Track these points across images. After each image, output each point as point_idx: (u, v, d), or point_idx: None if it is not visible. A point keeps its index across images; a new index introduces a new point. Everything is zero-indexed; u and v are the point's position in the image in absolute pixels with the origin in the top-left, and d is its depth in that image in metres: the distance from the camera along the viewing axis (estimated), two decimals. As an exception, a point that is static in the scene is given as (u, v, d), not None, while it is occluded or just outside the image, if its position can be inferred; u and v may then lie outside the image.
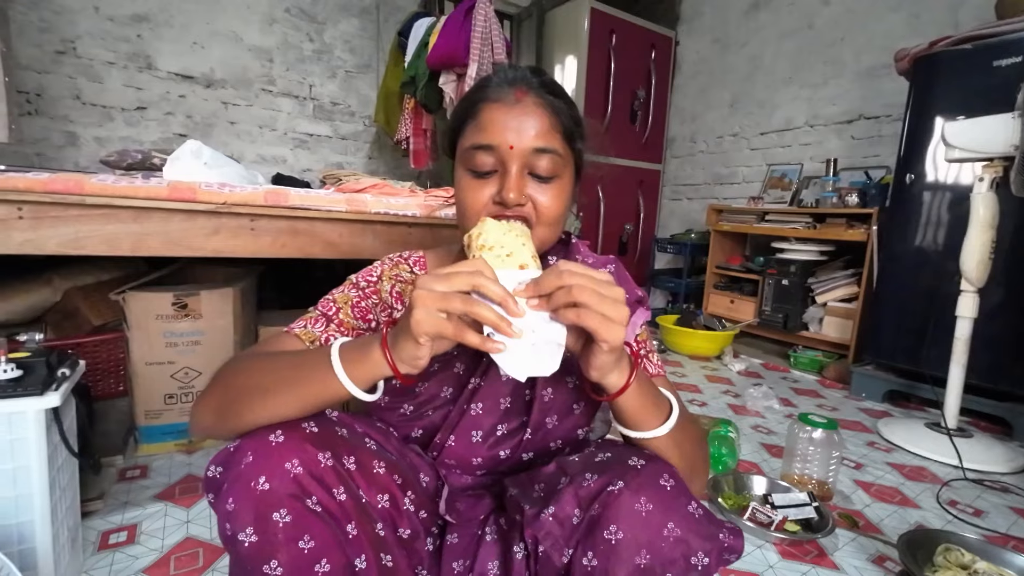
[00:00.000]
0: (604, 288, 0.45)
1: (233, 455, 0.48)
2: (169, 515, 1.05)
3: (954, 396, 1.59)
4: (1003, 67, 1.71)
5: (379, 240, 1.21)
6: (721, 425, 1.45)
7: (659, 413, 0.54)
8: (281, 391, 0.49)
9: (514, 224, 0.55)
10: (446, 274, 0.45)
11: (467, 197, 0.60)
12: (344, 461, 0.50)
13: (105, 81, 2.44)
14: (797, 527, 1.11)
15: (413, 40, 2.51)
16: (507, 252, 0.51)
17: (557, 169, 0.60)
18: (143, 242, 0.98)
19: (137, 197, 0.95)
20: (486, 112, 0.59)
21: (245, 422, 0.49)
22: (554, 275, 0.46)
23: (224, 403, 0.52)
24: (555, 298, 0.46)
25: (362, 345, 0.48)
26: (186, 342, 1.29)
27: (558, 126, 0.60)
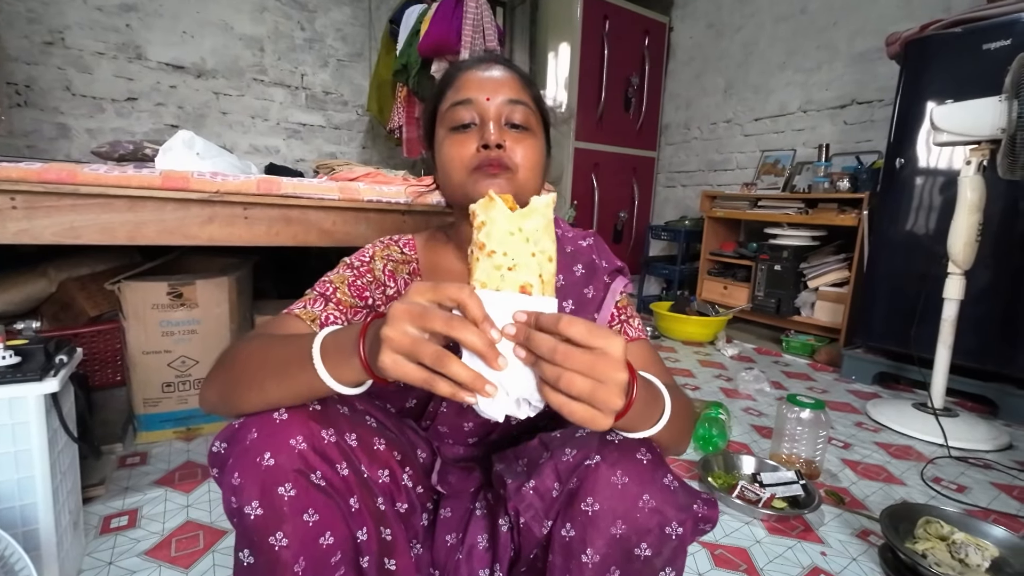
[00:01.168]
0: (603, 368, 0.38)
1: (238, 431, 0.49)
2: (169, 500, 1.08)
3: (940, 376, 1.62)
4: (992, 50, 1.71)
5: (372, 228, 1.22)
6: (712, 407, 1.47)
7: (653, 415, 0.49)
8: (273, 386, 0.49)
9: (529, 217, 0.44)
10: (420, 312, 0.38)
11: (451, 151, 0.64)
12: (346, 438, 0.52)
13: (95, 72, 2.42)
14: (784, 504, 1.14)
15: (405, 28, 2.49)
16: (510, 263, 0.42)
17: (530, 121, 0.65)
18: (139, 231, 0.99)
19: (131, 186, 0.96)
20: (463, 76, 0.65)
21: (243, 409, 0.51)
22: (548, 345, 0.38)
23: (225, 390, 0.53)
24: (544, 370, 0.39)
25: (343, 345, 0.44)
26: (182, 331, 1.30)
27: (527, 88, 0.67)
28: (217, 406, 0.54)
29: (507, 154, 0.62)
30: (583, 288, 0.68)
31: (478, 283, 0.42)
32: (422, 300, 0.40)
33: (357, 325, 0.45)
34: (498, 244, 0.42)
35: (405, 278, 0.71)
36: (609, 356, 0.38)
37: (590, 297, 0.68)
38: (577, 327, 0.39)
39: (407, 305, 0.39)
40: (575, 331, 0.39)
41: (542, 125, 0.69)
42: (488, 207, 0.44)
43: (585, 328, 0.39)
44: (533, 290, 0.42)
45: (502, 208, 0.43)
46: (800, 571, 0.94)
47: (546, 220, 0.44)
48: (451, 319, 0.38)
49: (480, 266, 0.42)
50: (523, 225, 0.43)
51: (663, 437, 0.51)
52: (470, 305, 0.39)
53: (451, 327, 0.38)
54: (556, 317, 0.39)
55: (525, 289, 0.42)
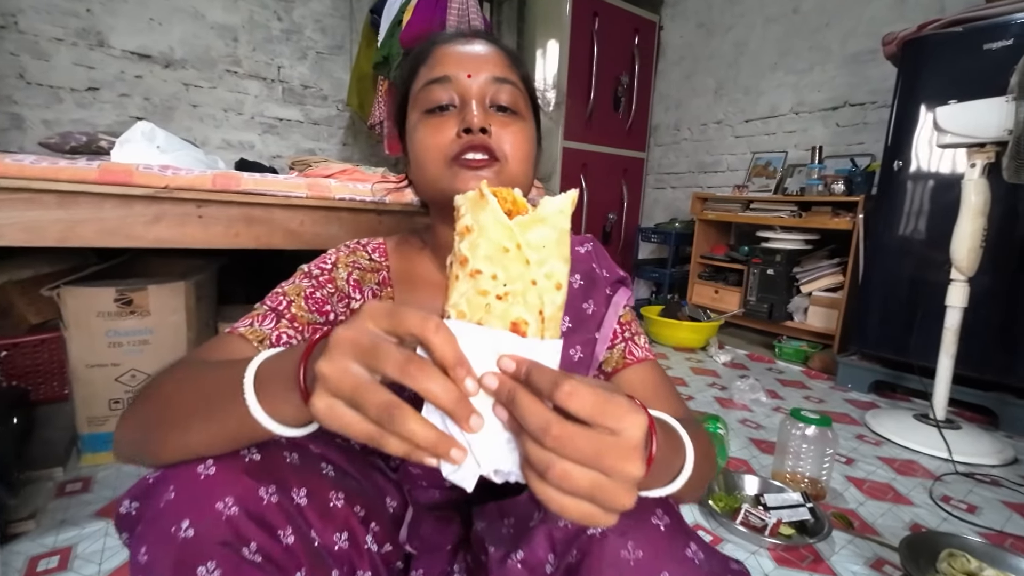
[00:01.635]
0: (614, 459, 0.28)
1: (153, 488, 0.39)
2: (110, 535, 0.95)
3: (943, 387, 1.56)
4: (994, 50, 1.67)
5: (345, 228, 1.11)
6: (710, 421, 1.39)
7: (672, 468, 0.39)
8: (199, 428, 0.38)
9: (533, 228, 0.31)
10: (369, 344, 0.28)
11: (426, 138, 0.53)
12: (293, 495, 0.41)
13: (52, 59, 2.26)
14: (792, 530, 1.06)
15: (386, 18, 2.38)
16: (500, 289, 0.30)
17: (519, 103, 0.55)
18: (73, 231, 0.87)
19: (61, 180, 0.84)
20: (439, 51, 0.55)
21: (164, 458, 0.40)
22: (537, 420, 0.28)
23: (142, 433, 0.42)
24: (530, 452, 0.28)
25: (282, 374, 0.34)
26: (132, 341, 1.18)
27: (515, 67, 0.57)
28: (133, 454, 0.43)
29: (493, 140, 0.52)
30: (582, 303, 0.58)
31: (454, 310, 0.31)
32: (374, 327, 0.30)
33: (300, 346, 0.34)
34: (486, 262, 0.30)
35: (373, 288, 0.61)
36: (623, 440, 0.28)
37: (590, 313, 0.58)
38: (582, 398, 0.28)
39: (353, 333, 0.29)
40: (579, 404, 0.28)
41: (532, 110, 0.60)
42: (477, 207, 0.31)
43: (593, 400, 0.28)
44: (529, 329, 0.31)
45: (496, 212, 0.31)
46: (815, 610, 0.86)
47: (558, 233, 0.32)
48: (409, 361, 0.28)
49: (459, 287, 0.31)
50: (524, 238, 0.31)
51: (683, 490, 0.41)
52: (437, 344, 0.28)
53: (407, 373, 0.28)
54: (554, 378, 0.28)
55: (518, 327, 0.30)
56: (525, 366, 0.29)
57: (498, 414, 0.30)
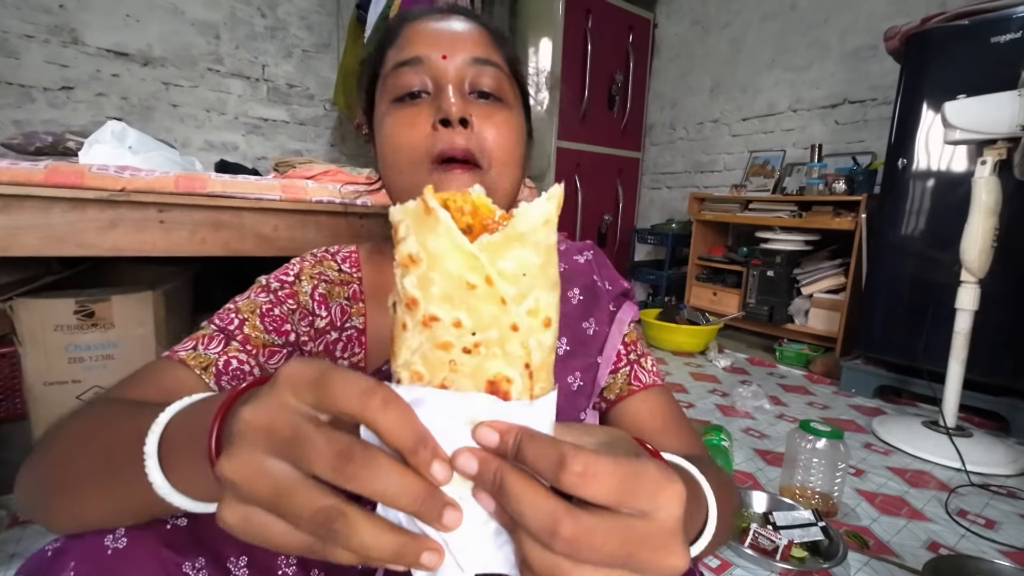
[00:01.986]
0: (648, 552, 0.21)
1: (52, 562, 0.32)
2: (64, 571, 0.87)
3: (953, 393, 1.50)
4: (1002, 43, 1.61)
5: (323, 233, 1.03)
6: (713, 432, 1.32)
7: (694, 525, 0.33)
8: (92, 497, 0.31)
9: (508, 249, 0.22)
10: (291, 431, 0.21)
11: (396, 133, 0.45)
12: (231, 566, 0.34)
13: (22, 56, 2.16)
14: (804, 552, 0.99)
15: (373, 13, 2.30)
16: (468, 340, 0.22)
17: (504, 89, 0.47)
18: (14, 239, 0.79)
19: (2, 182, 0.76)
20: (410, 28, 0.46)
21: (57, 526, 0.33)
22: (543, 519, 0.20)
23: (35, 492, 0.35)
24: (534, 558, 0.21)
25: (195, 438, 0.26)
26: (95, 356, 1.09)
27: (499, 46, 0.49)
28: (31, 515, 0.35)
29: (474, 135, 0.45)
30: (581, 322, 0.51)
31: (405, 371, 0.22)
32: (296, 403, 0.21)
33: (217, 398, 0.27)
34: (444, 303, 0.22)
35: (342, 304, 0.53)
36: (657, 525, 0.21)
37: (591, 334, 0.51)
38: (601, 480, 0.20)
39: (266, 415, 0.21)
40: (598, 488, 0.20)
41: (520, 97, 0.52)
42: (423, 225, 0.22)
43: (617, 478, 0.20)
44: (513, 388, 0.22)
45: (452, 233, 0.21)
46: (835, 646, 0.79)
47: (543, 253, 0.22)
48: (347, 456, 0.20)
49: (408, 341, 0.22)
50: (496, 268, 0.22)
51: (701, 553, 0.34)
52: (387, 425, 0.20)
53: (346, 473, 0.20)
54: (558, 453, 0.20)
55: (497, 386, 0.22)
56: (513, 436, 0.21)
57: (483, 503, 0.22)
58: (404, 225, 0.22)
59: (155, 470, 0.26)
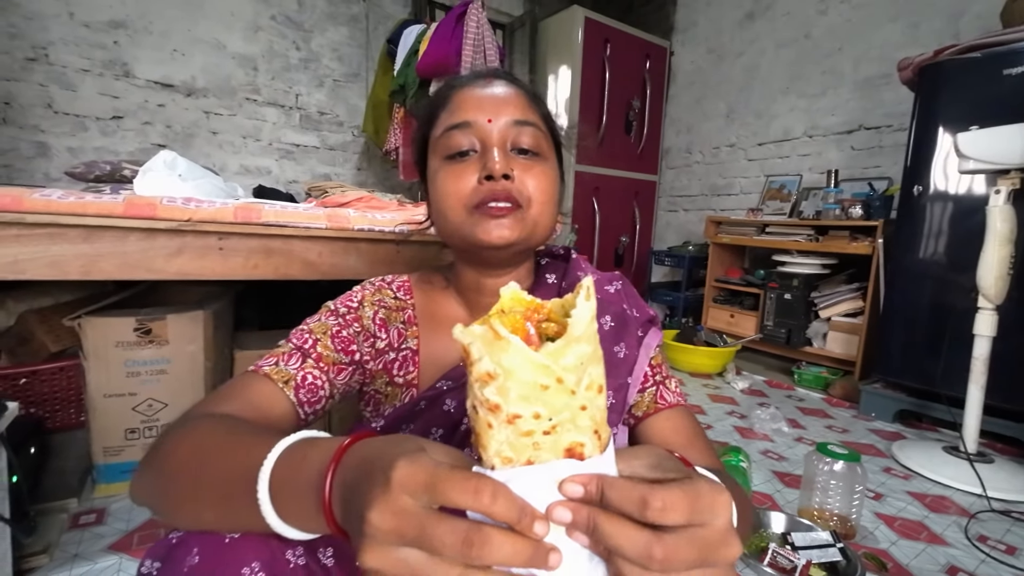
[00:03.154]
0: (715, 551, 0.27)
1: (175, 550, 0.37)
2: (123, 570, 0.93)
3: (973, 419, 1.51)
4: (1013, 76, 1.65)
5: (363, 260, 1.11)
6: (732, 454, 1.35)
7: None
8: (209, 518, 0.37)
9: (568, 351, 0.27)
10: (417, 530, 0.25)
11: (447, 185, 0.52)
12: (320, 555, 0.40)
13: (79, 89, 2.33)
14: (822, 572, 1.01)
15: (403, 48, 2.43)
16: (546, 425, 0.27)
17: (541, 145, 0.55)
18: (95, 265, 0.87)
19: (87, 214, 0.85)
20: (459, 95, 0.54)
21: (178, 525, 0.39)
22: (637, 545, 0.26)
23: (156, 501, 0.41)
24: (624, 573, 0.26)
25: (303, 484, 0.32)
26: (150, 371, 1.18)
27: (535, 106, 0.56)
28: (148, 507, 0.42)
29: (515, 186, 0.51)
30: (613, 346, 0.57)
31: (498, 458, 0.27)
32: (413, 503, 0.26)
33: (322, 451, 0.32)
34: (523, 403, 0.26)
35: (399, 328, 0.60)
36: (718, 529, 0.27)
37: (622, 357, 0.56)
38: (677, 510, 0.26)
39: (392, 519, 0.25)
40: (676, 516, 0.26)
41: (554, 148, 0.59)
42: (495, 348, 0.26)
43: (687, 505, 0.26)
44: (586, 450, 0.27)
45: (522, 352, 0.26)
46: (852, 663, 0.81)
47: (593, 344, 0.28)
48: (467, 541, 0.25)
49: (495, 436, 0.27)
50: (561, 367, 0.26)
51: None
52: (498, 511, 0.25)
53: (472, 556, 0.25)
54: (640, 495, 0.26)
55: (573, 452, 0.27)
56: (595, 484, 0.27)
57: (578, 540, 0.27)
58: (476, 347, 0.27)
59: (270, 513, 0.33)
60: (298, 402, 0.51)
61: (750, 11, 3.03)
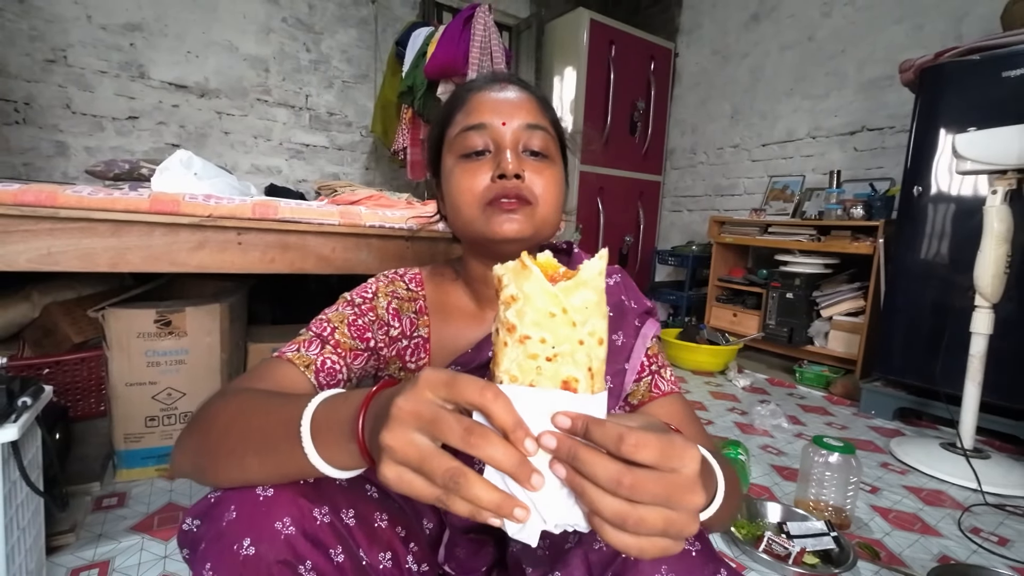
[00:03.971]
0: (680, 495, 0.30)
1: (214, 508, 0.42)
2: (145, 549, 0.98)
3: (970, 415, 1.54)
4: (1012, 78, 1.67)
5: (374, 255, 1.15)
6: (731, 447, 1.38)
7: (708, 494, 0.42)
8: (255, 464, 0.41)
9: (576, 292, 0.32)
10: (431, 416, 0.30)
11: (462, 182, 0.56)
12: (343, 515, 0.44)
13: (96, 90, 2.39)
14: (816, 559, 1.05)
15: (411, 50, 2.47)
16: (550, 352, 0.32)
17: (549, 148, 0.59)
18: (122, 257, 0.92)
19: (115, 210, 0.90)
20: (475, 98, 0.58)
21: (220, 483, 0.43)
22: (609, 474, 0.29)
23: (200, 460, 0.45)
24: (602, 505, 0.30)
25: (338, 424, 0.37)
26: (170, 361, 1.23)
27: (545, 111, 0.60)
28: (191, 475, 0.46)
29: (526, 185, 0.55)
30: (611, 334, 0.61)
31: (506, 375, 0.32)
32: (432, 397, 0.31)
33: (355, 397, 0.37)
34: (534, 327, 0.32)
35: (411, 317, 0.64)
36: (684, 477, 0.30)
37: (619, 345, 0.60)
38: (649, 449, 0.30)
39: (414, 404, 0.31)
40: (647, 454, 0.30)
41: (560, 151, 0.63)
42: (520, 277, 0.32)
43: (658, 447, 0.30)
44: (579, 386, 0.32)
45: (540, 281, 0.32)
46: (842, 643, 0.85)
47: (598, 293, 0.34)
48: (470, 431, 0.30)
49: (508, 354, 0.32)
50: (569, 303, 0.32)
51: (713, 518, 0.43)
52: (496, 412, 0.30)
53: (470, 443, 0.29)
54: (618, 433, 0.30)
55: (568, 385, 0.32)
56: (581, 422, 0.31)
57: (555, 471, 0.31)
58: (507, 276, 0.33)
59: (311, 448, 0.37)
60: (318, 384, 0.55)
61: (755, 13, 3.05)
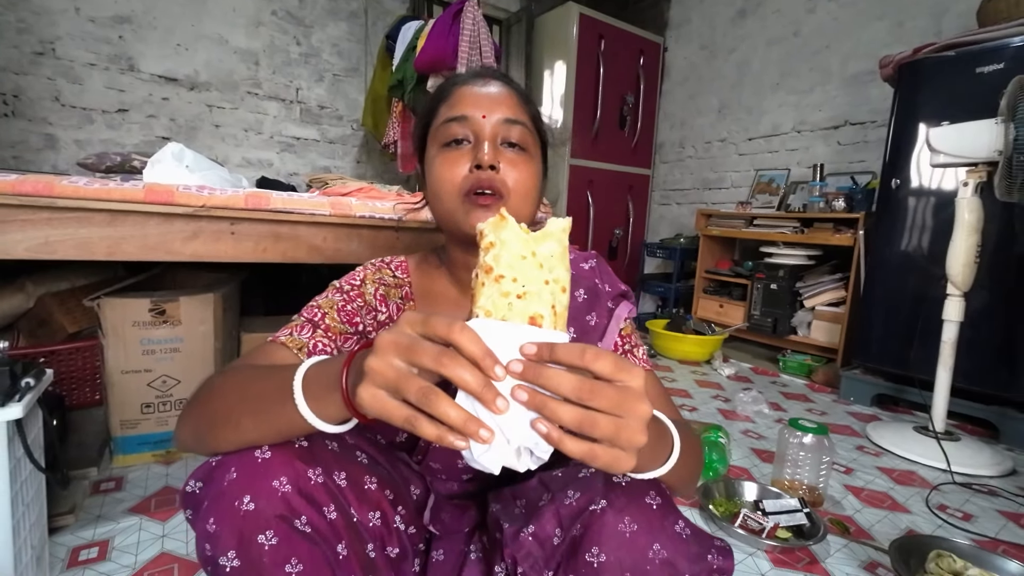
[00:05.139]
0: (629, 403, 0.35)
1: (215, 470, 0.45)
2: (144, 529, 1.02)
3: (941, 399, 1.60)
4: (986, 73, 1.73)
5: (364, 244, 1.18)
6: (711, 431, 1.43)
7: (662, 453, 0.46)
8: (251, 424, 0.45)
9: (543, 241, 0.39)
10: (408, 343, 0.35)
11: (443, 170, 0.60)
12: (335, 477, 0.48)
13: (85, 83, 2.39)
14: (789, 534, 1.10)
15: (401, 43, 2.49)
16: (520, 290, 0.37)
17: (527, 142, 0.62)
18: (118, 246, 0.95)
19: (112, 199, 0.92)
20: (459, 91, 0.61)
21: (219, 448, 0.47)
22: (570, 383, 0.34)
23: (200, 427, 0.48)
24: (561, 412, 0.34)
25: (326, 379, 0.41)
26: (164, 349, 1.25)
27: (525, 107, 0.63)
28: (192, 446, 0.50)
29: (500, 177, 0.59)
30: (585, 315, 0.65)
31: (482, 311, 0.37)
32: (411, 331, 0.36)
33: (342, 356, 0.41)
34: (507, 268, 0.37)
35: (397, 303, 0.68)
36: (634, 389, 0.35)
37: (592, 324, 0.64)
38: (604, 360, 0.34)
39: (395, 336, 0.35)
40: (603, 365, 0.34)
41: (539, 145, 0.66)
42: (499, 227, 0.39)
43: (612, 360, 0.35)
44: (544, 322, 0.37)
45: (515, 229, 0.39)
46: (808, 608, 0.90)
47: (562, 247, 0.39)
48: (441, 353, 0.34)
49: (485, 292, 0.37)
50: (537, 249, 0.38)
51: (672, 478, 0.47)
52: (464, 343, 0.34)
53: (440, 363, 0.33)
54: (580, 349, 0.35)
55: (535, 320, 0.37)
56: (547, 349, 0.35)
57: (517, 396, 0.34)
58: (488, 228, 0.39)
59: (301, 401, 0.41)
60: None
61: (742, 8, 3.09)
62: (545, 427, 0.34)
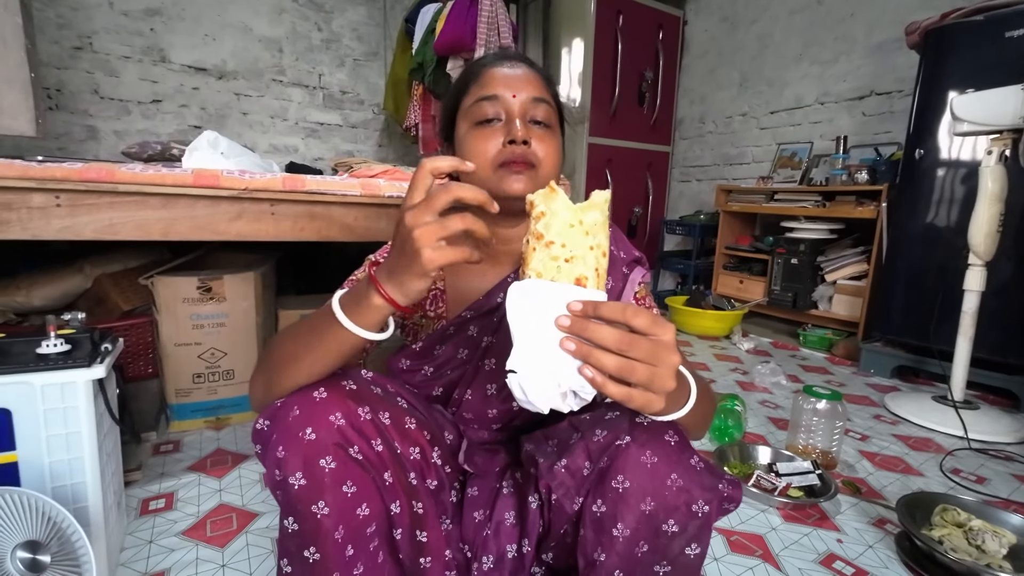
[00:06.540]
0: (663, 354, 0.41)
1: (280, 410, 0.52)
2: (203, 484, 1.12)
3: (961, 368, 1.61)
4: (1015, 38, 1.69)
5: (393, 222, 1.25)
6: (728, 399, 1.48)
7: (680, 398, 0.51)
8: (306, 355, 0.53)
9: (589, 211, 0.45)
10: (424, 203, 0.44)
11: (476, 145, 0.65)
12: (380, 416, 0.55)
13: (121, 75, 2.50)
14: (800, 493, 1.15)
15: (420, 26, 2.52)
16: (567, 255, 0.42)
17: (551, 118, 0.67)
18: (172, 227, 1.04)
19: (165, 184, 1.01)
20: (488, 72, 0.67)
21: (285, 388, 0.54)
22: (614, 336, 0.40)
23: (268, 376, 0.56)
24: (604, 361, 0.40)
25: (359, 293, 0.50)
26: (211, 324, 1.35)
27: (548, 87, 0.69)
28: (263, 397, 0.57)
29: (531, 151, 0.64)
30: None
31: (533, 272, 0.43)
32: (417, 197, 0.46)
33: (366, 276, 0.50)
34: (557, 235, 0.43)
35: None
36: (666, 342, 0.41)
37: (608, 288, 0.70)
38: (643, 316, 0.41)
39: (411, 208, 0.45)
40: (641, 321, 0.41)
41: (559, 122, 0.72)
42: (549, 198, 0.44)
43: (648, 317, 0.41)
44: (588, 283, 0.43)
45: (564, 200, 0.44)
46: (816, 557, 0.96)
47: (604, 216, 0.45)
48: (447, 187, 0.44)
49: (536, 256, 0.43)
50: (583, 218, 0.44)
51: (687, 420, 0.53)
52: (462, 193, 0.44)
53: (451, 192, 0.44)
54: (621, 306, 0.41)
55: (580, 281, 0.43)
56: (591, 305, 0.42)
57: (565, 346, 0.41)
58: (537, 199, 0.46)
59: (341, 315, 0.50)
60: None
61: (764, -23, 3.02)
62: (591, 372, 0.41)
